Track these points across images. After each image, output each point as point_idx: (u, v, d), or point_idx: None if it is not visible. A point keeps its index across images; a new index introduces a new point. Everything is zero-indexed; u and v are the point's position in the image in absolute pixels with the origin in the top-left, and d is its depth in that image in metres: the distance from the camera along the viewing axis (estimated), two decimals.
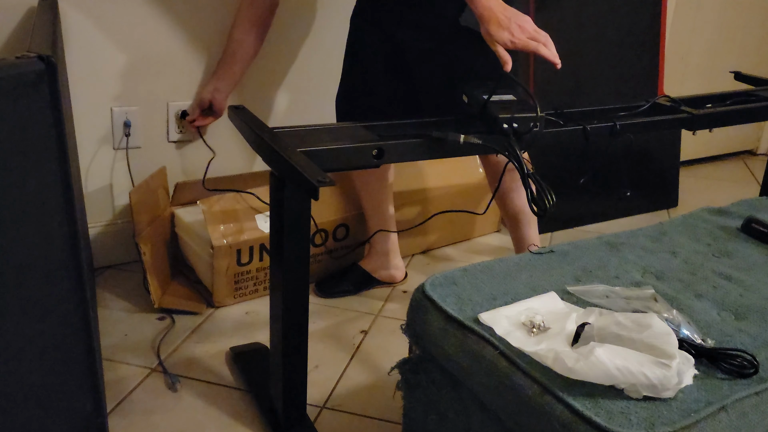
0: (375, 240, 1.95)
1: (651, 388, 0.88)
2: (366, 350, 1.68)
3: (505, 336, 1.00)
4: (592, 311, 1.03)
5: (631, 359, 0.90)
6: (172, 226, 1.92)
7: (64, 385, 1.00)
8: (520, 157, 1.25)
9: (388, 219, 1.93)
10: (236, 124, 1.35)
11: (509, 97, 1.36)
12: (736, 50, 3.13)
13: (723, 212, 1.50)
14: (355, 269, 1.96)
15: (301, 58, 2.11)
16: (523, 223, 1.86)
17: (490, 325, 1.02)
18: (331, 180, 1.02)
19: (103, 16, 1.78)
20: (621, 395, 0.89)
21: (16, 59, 0.83)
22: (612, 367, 0.89)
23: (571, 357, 0.91)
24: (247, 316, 1.79)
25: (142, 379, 1.52)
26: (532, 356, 0.95)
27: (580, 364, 0.90)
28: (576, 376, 0.90)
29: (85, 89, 1.81)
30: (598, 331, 0.97)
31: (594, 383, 0.90)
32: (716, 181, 3.10)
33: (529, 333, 1.01)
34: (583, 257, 1.27)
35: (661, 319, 0.98)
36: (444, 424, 1.12)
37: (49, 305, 0.94)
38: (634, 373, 0.88)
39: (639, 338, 0.93)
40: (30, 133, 0.85)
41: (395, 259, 1.98)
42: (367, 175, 1.87)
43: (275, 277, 1.28)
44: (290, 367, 1.30)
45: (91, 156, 1.89)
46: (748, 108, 1.67)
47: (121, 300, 1.82)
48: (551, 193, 1.19)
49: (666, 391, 0.88)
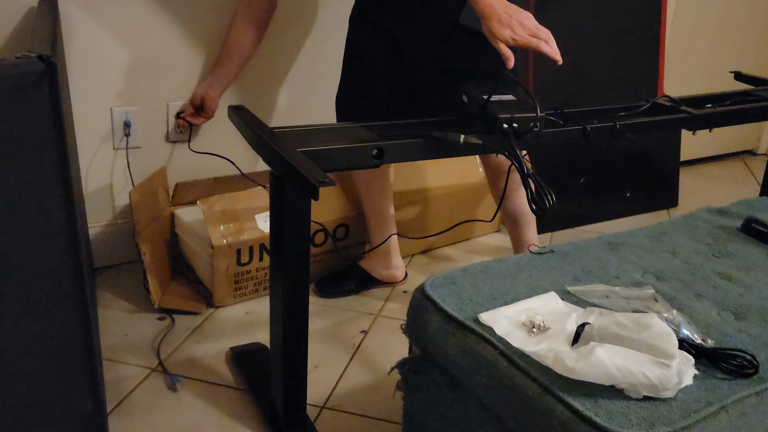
0: (375, 240, 1.95)
1: (651, 388, 0.88)
2: (366, 350, 1.68)
3: (505, 336, 1.00)
4: (592, 311, 1.03)
5: (631, 359, 0.89)
6: (172, 226, 1.92)
7: (64, 385, 1.00)
8: (519, 157, 1.25)
9: (388, 219, 1.93)
10: (236, 124, 1.35)
11: (509, 97, 1.36)
12: (736, 50, 3.13)
13: (723, 212, 1.50)
14: (356, 269, 1.96)
15: (301, 58, 2.11)
16: (522, 224, 1.86)
17: (490, 325, 1.02)
18: (331, 180, 1.02)
19: (103, 16, 1.78)
20: (621, 395, 0.89)
21: (16, 59, 0.83)
22: (612, 367, 0.89)
23: (571, 357, 0.91)
24: (247, 316, 1.79)
25: (142, 379, 1.52)
26: (531, 356, 0.95)
27: (580, 364, 0.90)
28: (576, 376, 0.90)
29: (85, 89, 1.81)
30: (598, 331, 0.97)
31: (594, 383, 0.90)
32: (716, 181, 3.10)
33: (529, 333, 1.01)
34: (583, 257, 1.27)
35: (661, 319, 0.98)
36: (444, 424, 1.12)
37: (49, 305, 0.94)
38: (634, 373, 0.88)
39: (639, 338, 0.93)
40: (30, 133, 0.85)
41: (395, 259, 1.98)
42: (367, 175, 1.87)
43: (275, 277, 1.28)
44: (290, 367, 1.30)
45: (91, 156, 1.89)
46: (748, 108, 1.67)
47: (121, 300, 1.82)
48: (551, 193, 1.19)
49: (666, 391, 0.88)
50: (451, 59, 1.60)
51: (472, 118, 1.36)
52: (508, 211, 1.84)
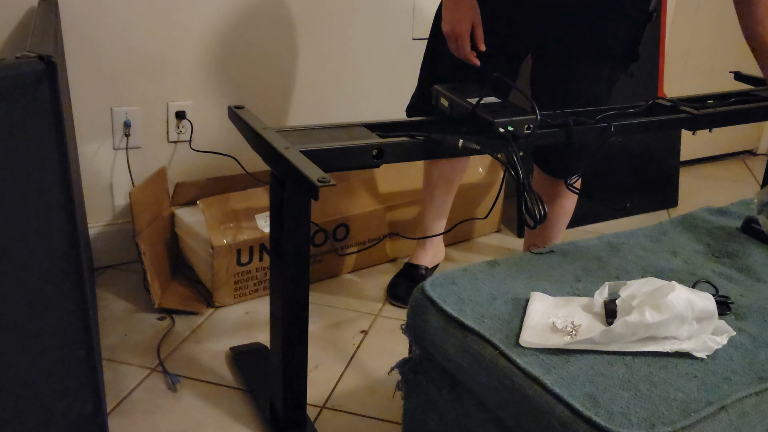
0: (430, 230, 1.98)
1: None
2: (366, 350, 1.68)
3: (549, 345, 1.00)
4: (604, 287, 1.07)
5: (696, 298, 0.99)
6: (172, 226, 1.92)
7: (64, 385, 1.00)
8: (517, 163, 1.24)
9: (447, 211, 1.98)
10: (236, 124, 1.35)
11: (493, 99, 1.35)
12: (736, 50, 3.12)
13: (723, 212, 1.50)
14: (417, 268, 1.98)
15: (302, 58, 2.11)
16: (547, 227, 1.87)
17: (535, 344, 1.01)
18: (331, 180, 1.02)
19: (103, 16, 1.78)
20: (621, 395, 0.89)
21: (16, 59, 0.83)
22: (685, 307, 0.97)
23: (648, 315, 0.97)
24: (247, 316, 1.79)
25: (142, 379, 1.52)
26: (597, 346, 0.98)
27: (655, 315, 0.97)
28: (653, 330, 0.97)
29: (85, 89, 1.81)
30: (629, 300, 1.01)
31: (596, 383, 0.90)
32: (716, 181, 3.10)
33: (568, 335, 1.01)
34: (583, 257, 1.27)
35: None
36: (444, 424, 1.12)
37: (49, 305, 0.94)
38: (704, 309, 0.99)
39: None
40: (30, 133, 0.85)
41: (441, 243, 2.07)
42: (448, 167, 1.90)
43: (275, 277, 1.28)
44: (290, 367, 1.30)
45: (91, 156, 1.89)
46: (748, 108, 1.67)
47: (121, 300, 1.82)
48: (543, 205, 1.21)
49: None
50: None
51: (459, 123, 1.35)
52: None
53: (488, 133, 1.28)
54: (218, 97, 2.01)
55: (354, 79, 2.21)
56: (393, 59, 2.25)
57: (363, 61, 2.21)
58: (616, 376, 0.93)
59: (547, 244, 1.84)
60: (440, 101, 1.40)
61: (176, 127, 1.97)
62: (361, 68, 2.21)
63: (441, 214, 1.98)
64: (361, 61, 2.20)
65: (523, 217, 1.22)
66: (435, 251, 2.04)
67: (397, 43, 2.24)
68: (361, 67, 2.21)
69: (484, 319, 1.05)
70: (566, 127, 1.39)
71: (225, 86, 2.01)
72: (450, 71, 1.61)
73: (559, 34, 1.59)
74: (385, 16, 2.19)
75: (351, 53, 2.18)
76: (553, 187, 1.79)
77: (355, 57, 2.19)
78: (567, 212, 1.87)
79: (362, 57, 2.20)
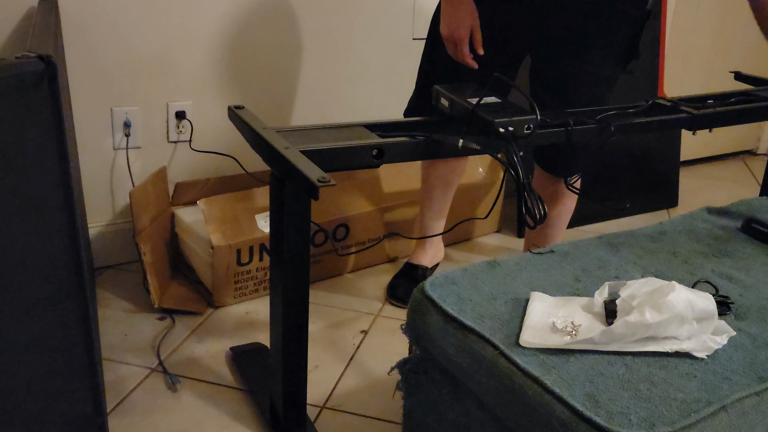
0: (428, 231, 1.99)
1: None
2: (366, 350, 1.68)
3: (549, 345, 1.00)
4: (604, 287, 1.07)
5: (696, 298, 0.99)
6: (172, 226, 1.92)
7: (64, 385, 1.00)
8: (517, 163, 1.24)
9: (445, 211, 1.99)
10: (236, 124, 1.35)
11: (493, 99, 1.35)
12: (736, 50, 3.13)
13: (723, 212, 1.50)
14: (417, 268, 1.98)
15: (302, 57, 2.11)
16: (547, 225, 1.87)
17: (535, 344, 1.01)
18: (331, 180, 1.02)
19: (103, 16, 1.78)
20: (621, 395, 0.89)
21: (16, 59, 0.83)
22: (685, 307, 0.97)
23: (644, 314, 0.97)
24: (247, 316, 1.79)
25: (142, 379, 1.52)
26: (597, 347, 0.98)
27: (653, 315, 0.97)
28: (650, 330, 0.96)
29: (85, 89, 1.81)
30: (629, 300, 1.01)
31: (596, 383, 0.90)
32: (716, 181, 3.10)
33: (568, 335, 1.01)
34: (583, 257, 1.27)
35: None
36: (444, 424, 1.12)
37: (49, 305, 0.94)
38: (704, 309, 0.98)
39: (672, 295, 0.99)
40: (30, 133, 0.85)
41: (440, 243, 2.07)
42: (447, 169, 1.90)
43: (275, 277, 1.28)
44: (290, 367, 1.30)
45: (91, 156, 1.89)
46: (748, 108, 1.67)
47: (121, 300, 1.82)
48: (543, 205, 1.21)
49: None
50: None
51: (458, 122, 1.35)
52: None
53: (488, 133, 1.28)
54: (218, 97, 2.01)
55: (354, 79, 2.21)
56: (393, 59, 2.25)
57: (363, 61, 2.21)
58: (616, 376, 0.93)
59: (548, 244, 1.84)
60: (440, 101, 1.40)
61: (176, 127, 1.97)
62: (362, 68, 2.21)
63: (440, 215, 1.98)
64: (361, 61, 2.20)
65: (523, 217, 1.22)
66: (434, 251, 2.04)
67: (397, 43, 2.24)
68: (361, 67, 2.21)
69: (484, 319, 1.05)
70: (566, 126, 1.39)
71: (225, 86, 2.01)
72: (448, 73, 1.61)
73: (558, 34, 1.59)
74: (385, 16, 2.19)
75: (351, 53, 2.18)
76: (554, 187, 1.79)
77: (356, 57, 2.19)
78: (567, 212, 1.88)
79: (362, 57, 2.20)
